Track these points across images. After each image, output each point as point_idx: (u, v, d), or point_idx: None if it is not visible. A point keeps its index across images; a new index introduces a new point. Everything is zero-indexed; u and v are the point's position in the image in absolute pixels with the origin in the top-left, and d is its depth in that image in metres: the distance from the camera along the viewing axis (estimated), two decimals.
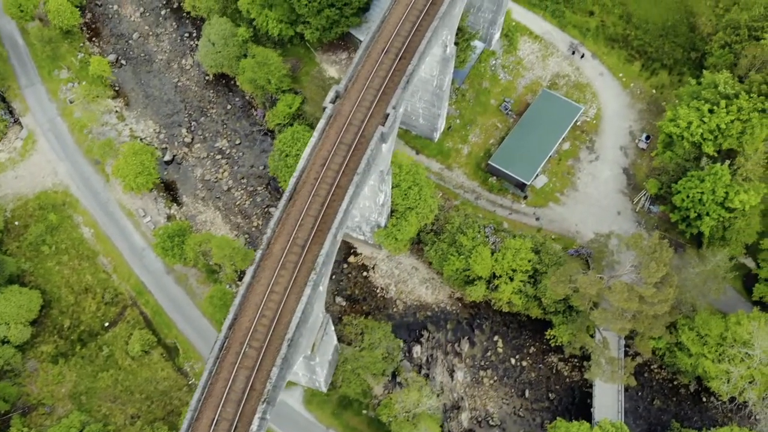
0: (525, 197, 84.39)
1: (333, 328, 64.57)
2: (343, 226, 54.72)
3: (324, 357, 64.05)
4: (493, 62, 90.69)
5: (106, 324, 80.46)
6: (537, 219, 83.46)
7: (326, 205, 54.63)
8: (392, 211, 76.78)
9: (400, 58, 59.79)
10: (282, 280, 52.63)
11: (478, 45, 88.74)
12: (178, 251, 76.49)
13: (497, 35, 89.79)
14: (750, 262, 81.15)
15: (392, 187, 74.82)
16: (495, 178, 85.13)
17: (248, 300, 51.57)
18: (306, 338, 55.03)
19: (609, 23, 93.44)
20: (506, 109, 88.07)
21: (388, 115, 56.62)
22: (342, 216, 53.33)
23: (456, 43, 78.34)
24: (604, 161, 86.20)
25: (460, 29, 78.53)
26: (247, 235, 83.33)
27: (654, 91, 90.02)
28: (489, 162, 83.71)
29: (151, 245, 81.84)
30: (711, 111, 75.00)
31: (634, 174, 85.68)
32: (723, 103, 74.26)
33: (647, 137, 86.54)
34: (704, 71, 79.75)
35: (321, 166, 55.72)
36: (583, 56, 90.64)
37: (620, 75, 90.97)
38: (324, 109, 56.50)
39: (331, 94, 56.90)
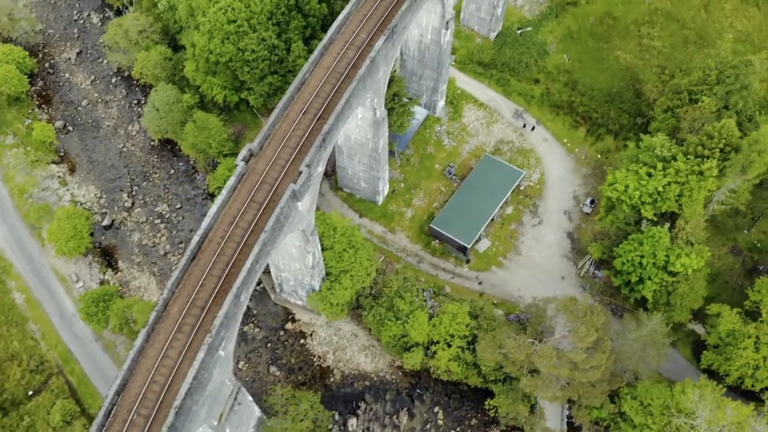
0: (468, 261, 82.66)
1: (250, 398, 61.27)
2: (247, 287, 52.70)
3: (239, 430, 60.44)
4: (439, 129, 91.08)
5: (30, 393, 76.74)
6: (479, 283, 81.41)
7: (231, 264, 52.83)
8: (327, 274, 74.83)
9: (318, 118, 59.51)
10: (177, 344, 50.11)
11: (420, 111, 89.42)
12: (102, 317, 73.92)
13: (442, 103, 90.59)
14: (700, 329, 78.67)
15: (325, 249, 73.26)
16: (437, 241, 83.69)
17: (140, 365, 48.86)
18: (207, 408, 51.88)
19: (554, 90, 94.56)
20: (450, 173, 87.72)
21: (301, 172, 55.69)
22: (245, 275, 51.42)
23: (392, 108, 78.66)
24: (548, 225, 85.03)
25: (396, 94, 79.03)
26: None
27: (599, 156, 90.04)
28: (431, 225, 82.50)
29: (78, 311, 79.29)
30: (649, 174, 74.55)
31: (579, 238, 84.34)
32: (660, 165, 73.83)
33: (592, 201, 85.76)
34: (643, 135, 79.87)
35: (229, 224, 54.26)
36: (534, 129, 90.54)
37: (565, 140, 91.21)
38: (236, 166, 55.62)
39: (243, 152, 56.18)
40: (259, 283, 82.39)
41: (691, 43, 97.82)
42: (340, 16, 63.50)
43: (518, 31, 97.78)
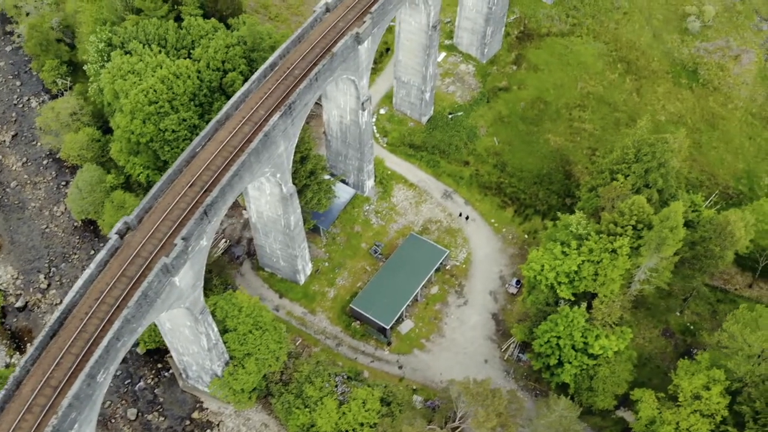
0: (389, 343, 79.28)
1: None
2: (106, 366, 49.58)
3: None
4: (367, 208, 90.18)
5: None
6: (400, 367, 77.68)
7: (92, 342, 49.96)
8: (231, 358, 71.32)
9: (205, 191, 58.38)
10: (25, 425, 46.51)
11: (347, 190, 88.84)
12: None
13: (370, 182, 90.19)
14: (630, 416, 74.30)
15: (229, 331, 70.18)
16: (358, 323, 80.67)
17: None
18: None
19: (483, 172, 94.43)
20: (376, 252, 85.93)
21: (176, 245, 53.88)
22: (102, 353, 48.45)
23: (306, 185, 77.88)
24: (472, 306, 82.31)
25: (312, 172, 78.53)
26: None
27: (526, 236, 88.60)
28: (351, 305, 79.77)
29: None
30: (564, 253, 72.82)
31: (504, 320, 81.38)
32: (574, 244, 72.30)
33: (518, 282, 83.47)
34: (561, 214, 78.79)
35: (95, 300, 51.81)
36: (468, 218, 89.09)
37: (492, 220, 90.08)
38: (109, 239, 53.86)
39: (118, 225, 54.60)
40: (167, 369, 78.61)
41: (623, 125, 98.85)
42: (238, 93, 63.85)
43: (449, 116, 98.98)
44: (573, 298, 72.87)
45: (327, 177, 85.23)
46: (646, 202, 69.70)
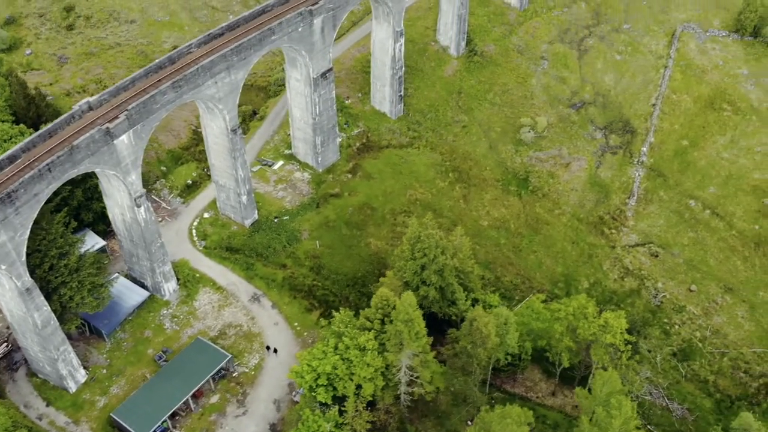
0: None
1: None
2: None
3: None
4: (164, 312, 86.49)
5: None
6: None
7: None
8: None
9: None
10: None
11: (139, 292, 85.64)
12: None
13: (170, 285, 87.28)
14: None
15: None
16: None
17: None
18: None
19: (298, 275, 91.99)
20: (161, 359, 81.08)
21: None
22: None
23: (64, 282, 74.77)
24: (252, 416, 76.31)
25: (77, 269, 75.88)
26: None
27: None
28: (111, 414, 73.90)
29: None
30: (325, 353, 68.77)
31: (282, 430, 75.19)
32: (332, 342, 68.53)
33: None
34: (335, 311, 75.48)
35: None
36: (276, 351, 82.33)
37: (296, 324, 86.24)
38: None
39: None
40: None
41: (445, 229, 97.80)
42: None
43: (275, 220, 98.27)
44: (330, 401, 67.79)
45: (115, 276, 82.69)
46: (392, 295, 66.81)
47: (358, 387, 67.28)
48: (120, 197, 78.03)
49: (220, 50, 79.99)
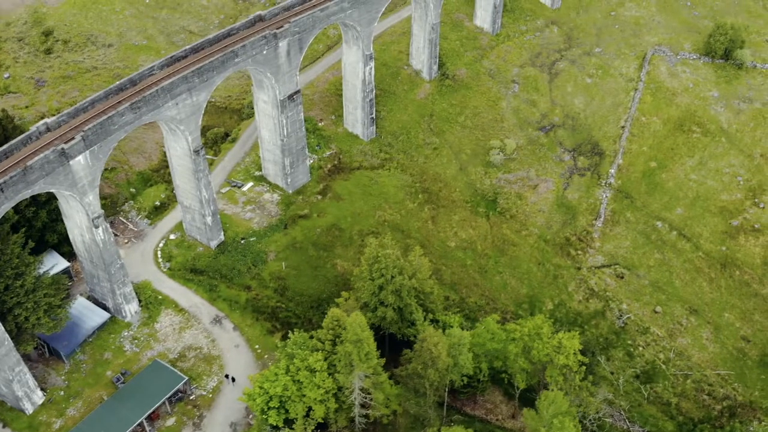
0: None
1: None
2: None
3: None
4: (126, 334, 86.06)
5: None
6: None
7: None
8: None
9: None
10: None
11: (99, 314, 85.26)
12: None
13: (132, 307, 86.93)
14: None
15: None
16: None
17: None
18: None
19: (262, 296, 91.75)
20: (119, 380, 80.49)
21: None
22: None
23: (19, 302, 74.41)
24: None
25: (33, 290, 75.60)
26: None
27: None
28: None
29: None
30: (277, 375, 68.35)
31: None
32: (284, 363, 68.16)
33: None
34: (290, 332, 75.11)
35: None
36: (234, 380, 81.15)
37: (257, 347, 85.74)
38: None
39: None
40: None
41: (410, 250, 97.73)
42: None
43: (242, 241, 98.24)
44: (281, 425, 67.22)
45: (74, 297, 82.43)
46: (344, 316, 66.59)
47: (309, 409, 66.74)
48: (78, 218, 78.15)
49: (182, 72, 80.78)
